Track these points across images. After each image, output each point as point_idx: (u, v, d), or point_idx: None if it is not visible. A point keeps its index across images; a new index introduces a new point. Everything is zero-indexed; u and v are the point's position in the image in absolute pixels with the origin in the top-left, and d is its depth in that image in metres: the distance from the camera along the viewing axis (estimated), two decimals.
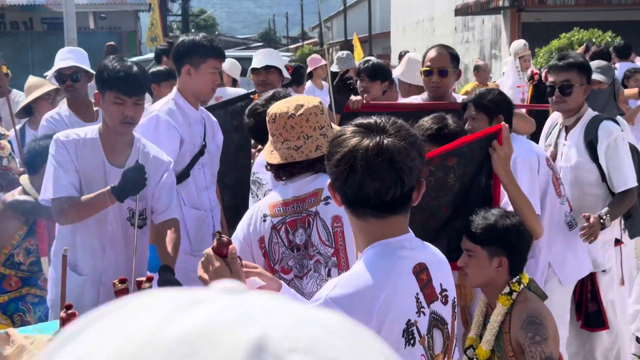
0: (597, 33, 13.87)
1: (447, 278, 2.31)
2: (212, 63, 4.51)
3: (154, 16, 20.31)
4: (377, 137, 2.11)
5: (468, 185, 3.63)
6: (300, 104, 3.09)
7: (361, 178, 2.08)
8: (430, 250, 2.32)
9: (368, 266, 2.12)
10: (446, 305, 2.26)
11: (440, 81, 4.90)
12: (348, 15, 49.28)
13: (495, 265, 3.19)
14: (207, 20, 74.97)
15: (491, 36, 26.17)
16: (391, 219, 2.18)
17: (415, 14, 34.11)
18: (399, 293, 2.11)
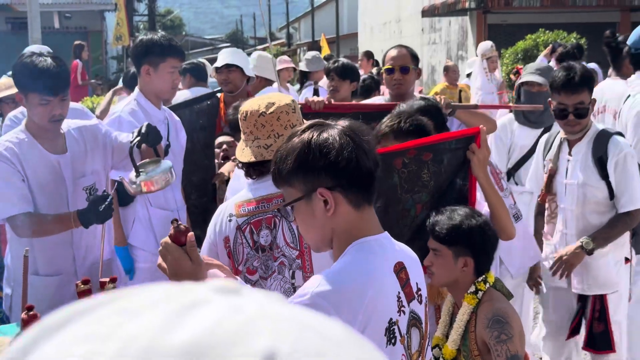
0: (562, 34, 14.02)
1: (421, 278, 2.32)
2: (171, 62, 4.48)
3: (120, 16, 20.12)
4: (335, 125, 2.19)
5: (444, 186, 3.62)
6: (271, 102, 3.07)
7: (365, 151, 2.13)
8: (404, 249, 2.32)
9: (354, 264, 2.11)
10: (421, 304, 2.27)
11: (402, 78, 4.95)
12: (316, 16, 49.31)
13: (460, 265, 3.20)
14: (174, 20, 74.59)
15: (458, 38, 26.33)
16: (372, 209, 2.21)
17: (383, 15, 34.21)
18: (383, 292, 2.11)
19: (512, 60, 14.27)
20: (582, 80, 4.23)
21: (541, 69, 5.65)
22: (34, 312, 2.49)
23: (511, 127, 5.74)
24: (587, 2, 23.13)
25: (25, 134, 3.90)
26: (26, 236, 3.84)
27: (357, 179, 2.13)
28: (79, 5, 25.89)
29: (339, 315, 1.97)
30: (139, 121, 4.39)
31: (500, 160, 5.71)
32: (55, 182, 3.91)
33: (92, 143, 4.05)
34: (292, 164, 2.14)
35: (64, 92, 3.85)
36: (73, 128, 4.05)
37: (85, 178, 4.00)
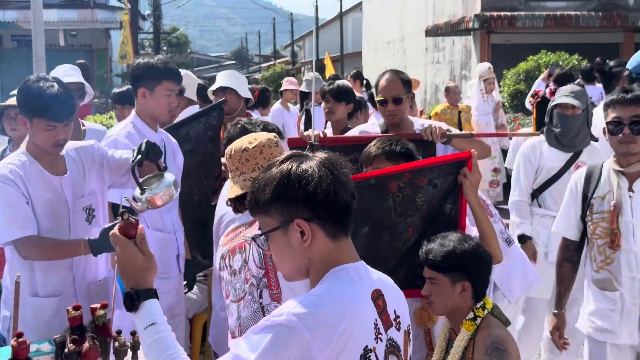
0: (564, 56, 14.05)
1: (401, 305, 2.31)
2: (167, 85, 4.51)
3: (125, 34, 20.26)
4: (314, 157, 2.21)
5: (435, 210, 3.63)
6: (254, 137, 3.22)
7: (343, 184, 2.15)
8: (382, 277, 2.31)
9: (332, 290, 2.11)
10: (399, 332, 2.25)
11: (396, 109, 4.93)
12: (320, 34, 49.49)
13: (458, 290, 3.19)
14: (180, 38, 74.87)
15: (461, 57, 26.38)
16: (349, 239, 2.22)
17: (387, 34, 34.32)
18: (360, 319, 2.10)
19: (514, 81, 14.29)
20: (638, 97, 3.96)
21: (575, 92, 5.57)
22: (23, 339, 2.49)
23: (540, 148, 5.68)
24: (590, 22, 23.17)
25: (26, 156, 3.92)
26: (32, 259, 3.86)
27: (334, 211, 2.14)
28: (84, 24, 26.01)
29: (313, 339, 1.98)
30: (135, 144, 4.40)
31: (526, 181, 5.70)
32: (57, 203, 3.93)
33: (89, 163, 4.08)
34: (270, 194, 2.14)
35: (69, 117, 3.89)
36: (71, 149, 4.07)
37: (84, 198, 4.03)
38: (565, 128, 5.47)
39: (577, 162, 5.56)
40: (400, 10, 31.62)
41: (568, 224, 4.29)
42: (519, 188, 5.71)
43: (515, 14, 23.20)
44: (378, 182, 3.55)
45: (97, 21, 26.03)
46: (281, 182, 2.13)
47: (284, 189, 2.12)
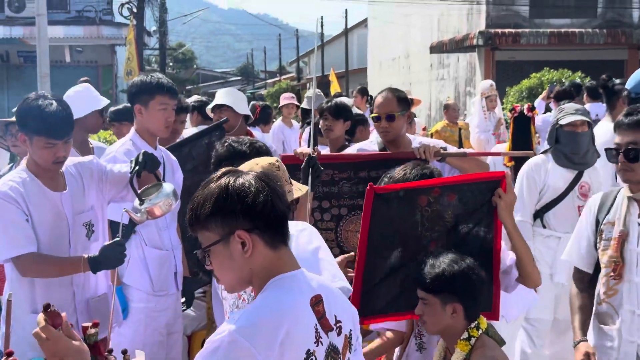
0: (566, 73, 14.08)
1: (342, 310, 2.37)
2: (160, 99, 4.55)
3: (131, 50, 20.36)
4: (249, 172, 2.32)
5: (466, 231, 3.55)
6: (256, 163, 3.26)
7: (279, 195, 2.26)
8: (323, 283, 2.39)
9: (270, 300, 2.20)
10: (340, 336, 2.32)
11: (389, 126, 4.91)
12: (326, 50, 49.65)
13: (449, 312, 3.19)
14: (186, 54, 75.15)
15: (466, 74, 26.45)
16: (288, 248, 2.32)
17: (392, 51, 34.42)
18: (299, 324, 2.19)
19: (517, 98, 14.32)
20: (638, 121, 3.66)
21: (580, 109, 5.50)
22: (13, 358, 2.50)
23: (545, 166, 5.56)
24: (594, 40, 23.21)
25: (27, 173, 3.94)
26: (32, 276, 3.87)
27: (272, 221, 2.24)
28: (90, 40, 26.14)
29: (256, 349, 2.08)
30: None
31: (530, 201, 5.58)
32: (57, 219, 3.95)
33: (88, 179, 4.10)
34: (210, 208, 2.23)
35: (69, 135, 3.92)
36: (70, 165, 4.10)
37: (84, 214, 4.05)
38: (576, 146, 5.40)
39: (580, 182, 5.49)
40: (405, 27, 31.73)
41: (579, 253, 3.99)
42: (522, 208, 5.48)
43: (520, 31, 23.27)
44: (407, 195, 3.51)
45: (103, 37, 26.16)
46: (220, 196, 2.22)
47: (223, 202, 2.21)
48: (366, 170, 4.87)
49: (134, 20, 22.48)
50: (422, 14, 28.98)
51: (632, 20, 24.22)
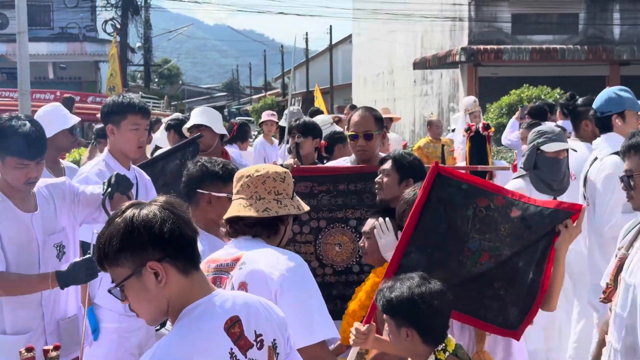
0: (545, 90, 14.18)
1: (264, 322, 2.39)
2: (132, 119, 4.53)
3: (114, 66, 20.37)
4: (152, 203, 2.28)
5: (521, 251, 3.48)
6: (263, 167, 3.24)
7: (182, 225, 2.24)
8: (244, 300, 2.39)
9: (180, 333, 2.21)
10: (262, 350, 2.35)
11: (366, 144, 4.92)
12: (310, 66, 49.80)
13: (403, 335, 3.17)
14: (171, 69, 75.16)
15: (449, 90, 26.58)
16: (201, 273, 2.31)
17: (376, 67, 34.55)
18: (210, 353, 2.21)
19: (497, 114, 14.40)
20: (633, 145, 3.47)
21: (558, 134, 5.27)
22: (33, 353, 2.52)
23: (529, 194, 4.79)
24: (576, 56, 23.39)
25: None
26: (0, 294, 3.85)
27: (182, 247, 2.23)
28: (73, 56, 26.16)
29: None
30: None
31: None
32: (27, 240, 3.92)
33: (60, 200, 4.08)
34: (117, 244, 2.21)
35: (41, 156, 3.91)
36: (42, 186, 4.08)
37: (55, 235, 4.03)
38: (557, 173, 5.20)
39: None
40: (389, 43, 31.88)
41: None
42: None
43: (502, 47, 23.42)
44: (469, 190, 3.49)
45: (87, 54, 26.19)
46: (126, 231, 2.21)
47: (130, 236, 2.20)
48: (345, 183, 4.88)
49: (117, 37, 22.48)
50: (406, 31, 29.14)
51: (613, 36, 24.45)
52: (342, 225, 4.88)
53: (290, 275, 3.01)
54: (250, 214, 3.10)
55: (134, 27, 31.53)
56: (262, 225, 3.15)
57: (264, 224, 3.15)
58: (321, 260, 4.88)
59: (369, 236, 4.27)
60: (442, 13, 26.01)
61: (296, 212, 3.22)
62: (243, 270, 3.02)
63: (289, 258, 3.08)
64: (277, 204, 3.14)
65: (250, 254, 3.06)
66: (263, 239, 3.16)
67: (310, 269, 4.85)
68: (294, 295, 3.00)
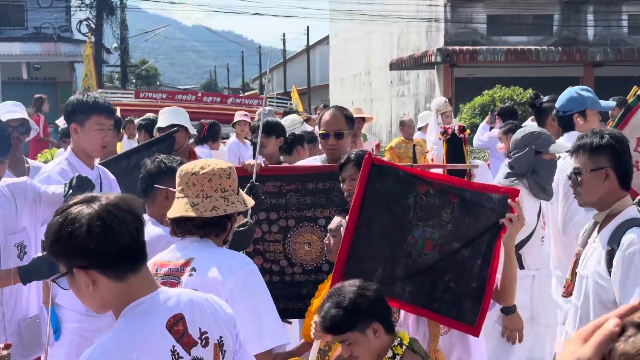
0: (518, 90, 14.27)
1: (210, 319, 2.38)
2: (96, 119, 4.50)
3: (89, 67, 20.23)
4: (95, 201, 2.22)
5: (461, 240, 3.52)
6: (208, 164, 3.17)
7: (119, 230, 2.18)
8: (189, 298, 2.38)
9: (120, 331, 2.22)
10: (207, 347, 2.35)
11: (337, 143, 4.93)
12: (288, 67, 49.73)
13: (372, 335, 3.17)
14: (149, 70, 74.80)
15: (425, 90, 26.66)
16: (143, 270, 2.28)
17: (353, 68, 34.60)
18: (150, 351, 2.21)
19: (470, 115, 14.47)
20: (581, 145, 3.56)
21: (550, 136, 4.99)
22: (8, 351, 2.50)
23: (527, 201, 4.76)
24: (550, 57, 23.56)
25: None
26: None
27: (110, 258, 2.19)
28: (48, 57, 25.95)
29: None
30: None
31: None
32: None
33: (22, 200, 4.06)
34: (49, 244, 2.24)
35: (4, 156, 3.92)
36: (3, 186, 4.06)
37: (16, 235, 4.01)
38: (552, 176, 4.95)
39: (542, 211, 5.00)
40: (366, 44, 31.93)
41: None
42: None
43: (477, 48, 23.54)
44: (407, 177, 3.54)
45: (61, 54, 26.00)
46: (55, 234, 2.21)
47: (56, 243, 2.21)
48: (314, 182, 4.88)
49: (92, 37, 22.35)
50: (383, 32, 29.21)
51: (587, 38, 24.66)
52: (311, 224, 4.88)
53: (240, 283, 3.00)
54: (198, 215, 3.04)
55: (110, 27, 31.38)
56: (210, 225, 3.10)
57: (212, 224, 3.10)
58: (290, 260, 4.88)
59: (334, 234, 4.28)
60: (418, 14, 26.09)
61: (243, 209, 3.19)
62: (194, 277, 3.00)
63: (239, 264, 3.07)
64: (225, 202, 3.09)
65: (200, 260, 3.03)
66: (211, 238, 3.12)
67: (279, 268, 4.94)
68: (244, 304, 2.99)
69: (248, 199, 3.24)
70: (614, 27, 25.16)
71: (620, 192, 3.52)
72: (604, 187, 3.51)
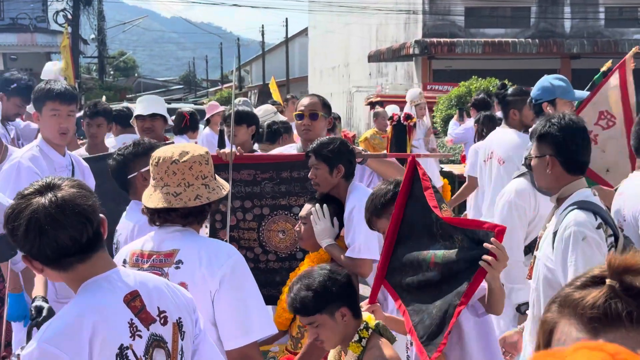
0: (494, 81, 14.33)
1: (167, 301, 2.41)
2: (50, 105, 4.50)
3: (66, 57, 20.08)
4: (49, 193, 2.25)
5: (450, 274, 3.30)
6: (186, 151, 3.07)
7: (54, 234, 2.20)
8: (146, 279, 2.42)
9: (76, 303, 2.27)
10: (166, 326, 2.38)
11: (311, 124, 4.96)
12: (267, 59, 49.68)
13: (340, 319, 3.20)
14: (127, 62, 74.42)
15: (404, 82, 26.73)
16: (94, 257, 2.29)
17: (332, 60, 34.62)
18: (108, 321, 2.24)
19: (447, 106, 14.54)
20: (532, 132, 3.67)
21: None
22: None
23: (533, 193, 4.62)
24: (527, 49, 23.71)
25: None
26: None
27: (48, 258, 2.24)
28: (24, 47, 25.78)
29: (66, 354, 2.15)
30: (39, 167, 4.38)
31: (520, 236, 4.68)
32: None
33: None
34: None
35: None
36: None
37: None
38: None
39: None
40: (344, 37, 31.95)
41: None
42: (512, 247, 4.38)
43: (455, 41, 23.64)
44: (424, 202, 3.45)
45: (38, 45, 25.84)
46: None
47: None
48: (288, 171, 4.90)
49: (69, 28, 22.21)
50: (361, 24, 29.24)
51: (564, 30, 24.82)
52: (285, 212, 4.91)
53: (228, 274, 2.93)
54: (183, 205, 2.97)
55: (87, 18, 31.19)
56: (194, 214, 3.02)
57: (195, 212, 3.02)
58: (264, 247, 4.90)
59: (305, 221, 4.31)
60: (396, 6, 26.15)
61: (224, 194, 3.11)
62: (182, 269, 2.92)
63: (226, 254, 2.99)
64: (207, 189, 3.02)
65: (186, 252, 2.96)
66: (193, 226, 3.05)
67: (254, 256, 4.97)
68: (232, 295, 2.93)
69: (225, 183, 3.18)
70: (591, 19, 25.36)
71: (569, 177, 3.51)
72: (548, 174, 3.52)
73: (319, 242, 4.25)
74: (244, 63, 60.15)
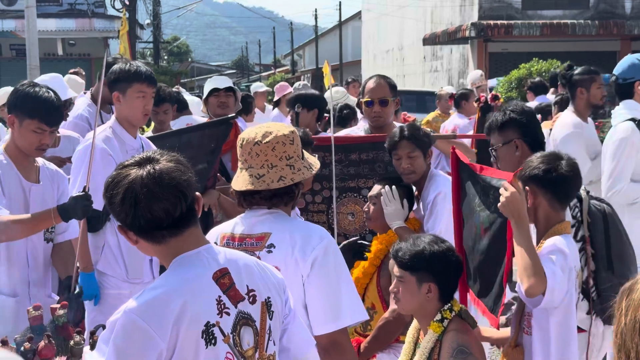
0: (555, 63, 14.08)
1: (257, 279, 2.43)
2: (138, 87, 4.51)
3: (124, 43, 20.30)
4: (147, 165, 2.30)
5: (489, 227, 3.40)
6: (269, 131, 2.96)
7: (149, 205, 2.25)
8: (236, 257, 2.43)
9: (166, 278, 2.32)
10: (255, 304, 2.39)
11: (382, 110, 4.95)
12: (320, 43, 49.60)
13: (424, 291, 3.19)
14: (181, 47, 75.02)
15: (459, 65, 26.46)
16: (186, 233, 2.33)
17: (386, 43, 34.41)
18: (197, 298, 2.26)
19: (506, 89, 14.33)
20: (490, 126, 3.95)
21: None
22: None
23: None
24: (587, 30, 23.23)
25: (4, 157, 4.09)
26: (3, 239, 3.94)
27: (142, 229, 2.30)
28: (82, 32, 26.08)
29: (150, 326, 2.19)
30: (112, 149, 4.43)
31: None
32: (23, 207, 4.07)
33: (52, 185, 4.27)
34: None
35: (57, 125, 4.15)
36: (44, 164, 4.28)
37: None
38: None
39: None
40: (399, 19, 31.71)
41: None
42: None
43: (512, 23, 23.28)
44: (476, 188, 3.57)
45: (95, 30, 26.11)
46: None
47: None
48: (357, 153, 4.89)
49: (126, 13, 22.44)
50: (416, 6, 28.98)
51: (625, 11, 24.25)
52: (354, 194, 4.90)
53: (320, 257, 2.86)
54: (265, 187, 2.90)
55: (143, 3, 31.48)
56: (278, 195, 2.94)
57: (280, 194, 2.94)
58: (333, 230, 4.89)
59: (374, 201, 4.28)
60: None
61: (310, 174, 3.01)
62: (274, 254, 2.87)
63: (319, 237, 2.92)
64: (291, 170, 2.92)
65: (278, 236, 2.90)
66: (280, 208, 2.97)
67: None
68: (323, 279, 2.87)
69: (314, 161, 3.09)
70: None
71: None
72: (517, 157, 3.81)
73: (388, 223, 4.23)
74: (297, 47, 60.17)
